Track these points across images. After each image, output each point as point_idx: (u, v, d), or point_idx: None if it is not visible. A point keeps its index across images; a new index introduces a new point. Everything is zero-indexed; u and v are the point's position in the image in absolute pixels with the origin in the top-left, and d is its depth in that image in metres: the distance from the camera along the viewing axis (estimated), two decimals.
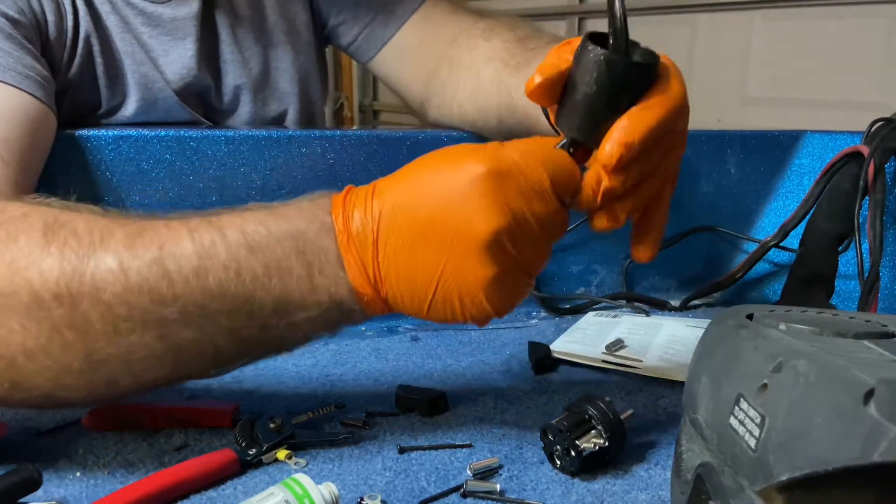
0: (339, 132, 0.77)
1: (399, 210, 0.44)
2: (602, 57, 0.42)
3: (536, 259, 0.45)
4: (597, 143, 0.44)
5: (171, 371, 0.45)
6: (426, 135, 0.78)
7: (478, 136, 0.78)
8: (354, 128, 3.09)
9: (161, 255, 0.43)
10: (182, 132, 0.71)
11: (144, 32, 0.75)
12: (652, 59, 0.44)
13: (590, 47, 0.42)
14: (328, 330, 0.47)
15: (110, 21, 0.73)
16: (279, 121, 0.87)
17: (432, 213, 0.43)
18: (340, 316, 0.46)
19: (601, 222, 0.48)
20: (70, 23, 0.71)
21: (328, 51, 0.95)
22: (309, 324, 0.46)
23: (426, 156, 0.46)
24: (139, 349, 0.43)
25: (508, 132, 0.62)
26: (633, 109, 0.43)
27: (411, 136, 0.78)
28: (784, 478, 0.29)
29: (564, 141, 0.45)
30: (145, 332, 0.43)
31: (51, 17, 0.69)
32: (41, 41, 0.68)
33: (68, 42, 0.71)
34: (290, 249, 0.44)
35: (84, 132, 0.69)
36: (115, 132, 0.69)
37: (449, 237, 0.43)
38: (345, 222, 0.44)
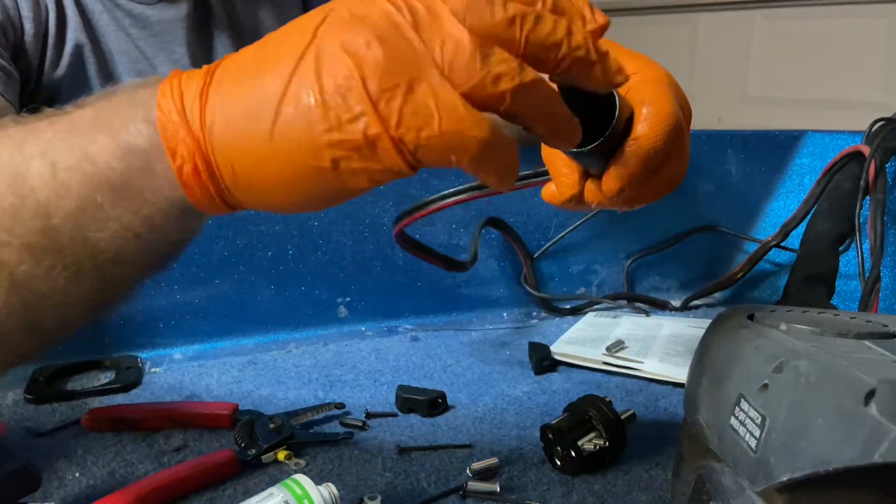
0: None
1: (251, 47, 0.32)
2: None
3: (440, 35, 0.29)
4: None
5: None
6: None
7: None
8: None
9: None
10: None
11: (133, 34, 0.75)
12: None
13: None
14: (119, 208, 0.32)
15: (103, 20, 0.73)
16: None
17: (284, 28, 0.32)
18: (129, 172, 0.32)
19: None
20: (53, 21, 0.70)
21: None
22: (88, 193, 0.32)
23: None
24: None
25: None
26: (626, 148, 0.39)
27: None
28: (785, 478, 0.29)
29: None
30: None
31: (26, 14, 0.68)
32: (14, 39, 0.68)
33: (51, 40, 0.71)
34: (92, 103, 0.34)
35: None
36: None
37: (303, 19, 0.31)
38: (179, 73, 0.33)
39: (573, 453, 0.48)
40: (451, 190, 0.44)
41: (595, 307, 0.84)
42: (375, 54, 0.29)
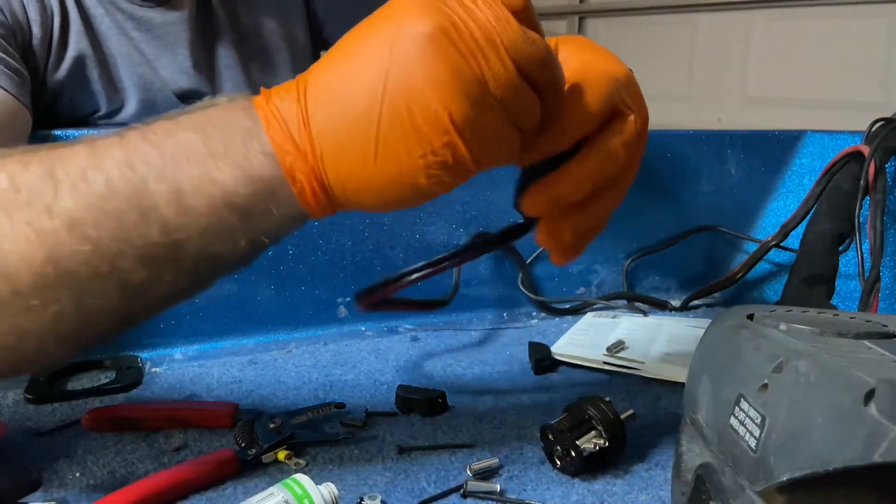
0: None
1: (329, 61, 0.37)
2: None
3: (498, 74, 0.35)
4: None
5: (77, 304, 0.37)
6: None
7: None
8: None
9: (52, 166, 0.37)
10: None
11: (135, 37, 0.75)
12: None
13: None
14: (245, 230, 0.38)
15: (104, 24, 0.73)
16: None
17: (366, 40, 0.36)
18: (255, 200, 0.37)
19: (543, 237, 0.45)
20: (57, 24, 0.70)
21: None
22: (215, 218, 0.37)
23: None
24: (26, 275, 0.36)
25: None
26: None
27: None
28: (785, 478, 0.29)
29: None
30: (32, 250, 0.36)
31: (34, 17, 0.69)
32: (22, 42, 0.68)
33: (55, 44, 0.71)
34: (192, 129, 0.37)
35: (84, 132, 0.69)
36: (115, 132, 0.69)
37: (388, 48, 0.35)
38: (266, 95, 0.38)
39: (573, 453, 0.48)
40: (418, 265, 0.43)
41: (595, 307, 0.84)
42: (453, 86, 0.35)
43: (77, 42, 0.72)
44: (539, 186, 0.42)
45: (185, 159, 0.36)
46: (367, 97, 0.35)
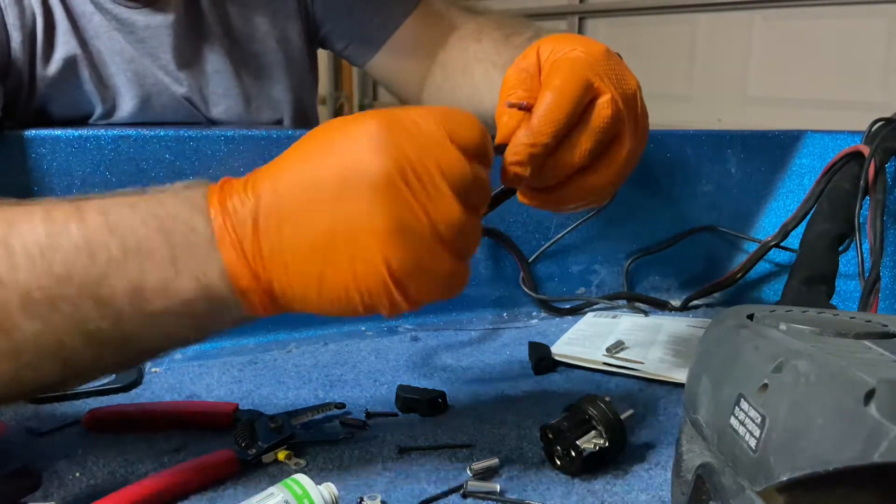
0: None
1: (282, 180, 0.39)
2: None
3: (445, 218, 0.38)
4: None
5: (15, 374, 0.38)
6: None
7: None
8: None
9: (7, 234, 0.37)
10: (182, 132, 0.71)
11: (122, 38, 0.74)
12: None
13: None
14: (195, 330, 0.41)
15: (93, 22, 0.72)
16: None
17: (317, 171, 0.38)
18: (210, 310, 0.39)
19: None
20: (41, 26, 0.70)
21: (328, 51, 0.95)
22: (171, 319, 0.39)
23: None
24: None
25: None
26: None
27: None
28: (785, 478, 0.29)
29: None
30: None
31: (12, 21, 0.68)
32: (0, 49, 0.67)
33: (40, 45, 0.70)
34: (154, 229, 0.38)
35: (84, 132, 0.68)
36: (115, 132, 0.69)
37: (337, 187, 0.37)
38: (221, 201, 0.39)
39: (573, 453, 0.48)
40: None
41: (595, 307, 0.84)
42: (396, 238, 0.37)
43: (65, 42, 0.71)
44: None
45: (147, 260, 0.38)
46: (314, 236, 0.38)
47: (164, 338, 0.40)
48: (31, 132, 0.67)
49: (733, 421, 0.33)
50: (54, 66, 0.71)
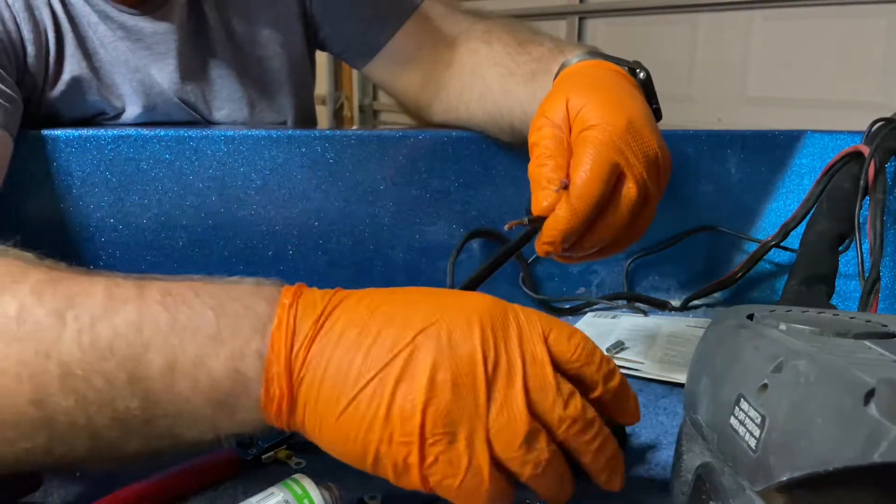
0: (338, 132, 0.77)
1: (369, 298, 0.38)
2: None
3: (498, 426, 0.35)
4: None
5: (47, 446, 0.37)
6: (426, 135, 0.78)
7: (486, 137, 0.79)
8: (354, 128, 3.09)
9: (65, 307, 0.37)
10: (182, 132, 0.71)
11: (128, 46, 0.74)
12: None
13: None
14: (210, 424, 0.38)
15: (99, 31, 0.72)
16: None
17: (397, 308, 0.37)
18: (229, 394, 0.37)
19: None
20: (53, 42, 0.70)
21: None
22: (194, 402, 0.37)
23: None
24: (8, 411, 0.36)
25: (523, 140, 0.62)
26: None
27: (411, 135, 0.78)
28: (784, 478, 0.29)
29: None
30: (20, 388, 0.36)
31: (28, 36, 0.68)
32: (16, 61, 0.67)
33: (52, 62, 0.70)
34: (210, 307, 0.37)
35: (84, 132, 0.69)
36: (115, 132, 0.69)
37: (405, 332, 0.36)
38: (296, 293, 0.38)
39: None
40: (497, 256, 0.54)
41: (595, 307, 0.84)
42: (443, 399, 0.35)
43: (72, 62, 0.71)
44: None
45: (190, 336, 0.37)
46: (368, 358, 0.36)
47: (185, 427, 0.38)
48: (31, 132, 0.67)
49: (733, 421, 0.33)
50: (61, 87, 0.71)
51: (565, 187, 0.50)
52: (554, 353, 0.37)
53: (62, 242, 0.69)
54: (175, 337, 0.36)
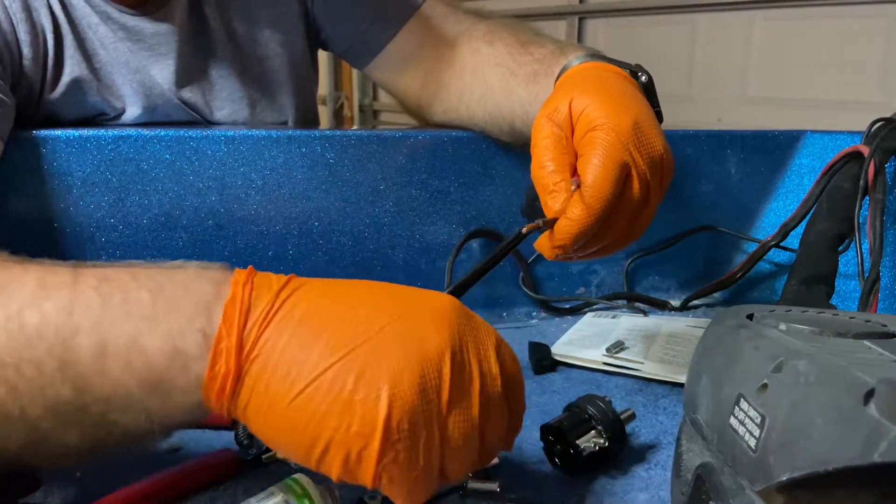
0: (339, 132, 0.77)
1: (328, 286, 0.37)
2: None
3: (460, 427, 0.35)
4: None
5: None
6: (426, 135, 0.78)
7: (486, 137, 0.79)
8: (354, 128, 3.09)
9: None
10: (182, 132, 0.71)
11: (129, 46, 0.73)
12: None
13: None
14: (145, 412, 0.36)
15: (100, 32, 0.72)
16: None
17: (365, 297, 0.36)
18: (163, 374, 0.35)
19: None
20: (51, 43, 0.69)
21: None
22: (127, 386, 0.35)
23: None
24: None
25: (524, 140, 0.62)
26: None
27: (411, 135, 0.78)
28: (784, 478, 0.29)
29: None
30: None
31: (24, 38, 0.67)
32: (11, 63, 0.67)
33: (50, 64, 0.70)
34: (147, 289, 0.36)
35: (84, 132, 0.69)
36: (115, 132, 0.69)
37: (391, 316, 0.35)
38: (250, 272, 0.37)
39: (573, 453, 0.48)
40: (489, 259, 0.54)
41: (594, 307, 0.84)
42: (410, 393, 0.33)
43: (72, 63, 0.71)
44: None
45: (124, 317, 0.35)
46: (331, 346, 0.34)
47: (119, 413, 0.36)
48: (31, 132, 0.67)
49: (733, 421, 0.33)
50: (61, 88, 0.71)
51: (578, 186, 0.49)
52: (502, 370, 0.37)
53: (62, 242, 0.69)
54: (107, 320, 0.35)
